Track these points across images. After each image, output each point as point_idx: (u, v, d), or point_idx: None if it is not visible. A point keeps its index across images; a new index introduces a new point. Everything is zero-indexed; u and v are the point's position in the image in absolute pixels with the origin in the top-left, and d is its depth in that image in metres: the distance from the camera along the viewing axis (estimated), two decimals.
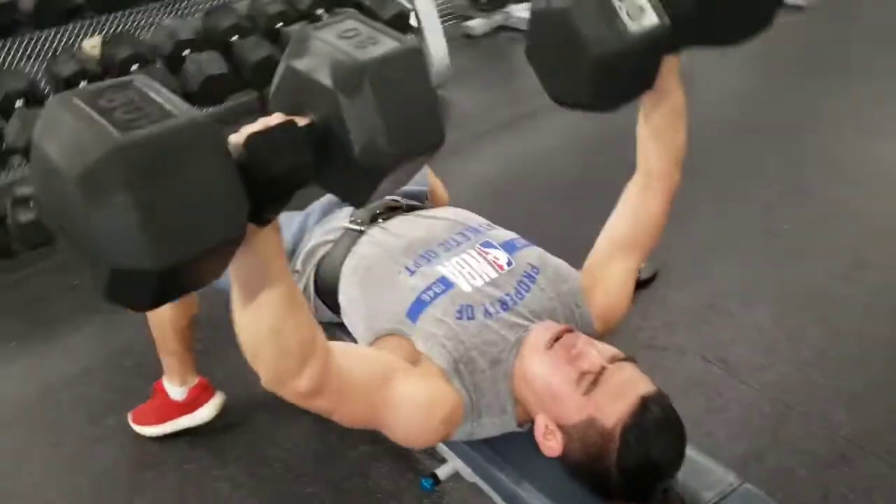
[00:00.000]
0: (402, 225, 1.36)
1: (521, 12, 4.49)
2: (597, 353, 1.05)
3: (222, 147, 0.75)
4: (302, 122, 0.84)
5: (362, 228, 1.38)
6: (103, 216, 0.66)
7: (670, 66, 1.15)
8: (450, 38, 4.34)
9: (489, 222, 1.36)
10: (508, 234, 1.32)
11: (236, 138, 0.80)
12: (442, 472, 1.45)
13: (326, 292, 1.38)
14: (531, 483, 1.12)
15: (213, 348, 2.11)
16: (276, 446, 1.83)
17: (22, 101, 2.71)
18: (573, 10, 1.01)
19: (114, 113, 0.69)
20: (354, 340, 1.31)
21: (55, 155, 0.68)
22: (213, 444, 1.85)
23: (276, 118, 0.84)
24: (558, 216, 2.58)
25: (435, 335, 1.12)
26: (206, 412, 1.85)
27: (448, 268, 1.21)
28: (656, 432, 0.98)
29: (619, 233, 1.29)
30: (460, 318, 1.13)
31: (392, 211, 1.42)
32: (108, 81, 0.75)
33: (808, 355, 1.93)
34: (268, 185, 0.80)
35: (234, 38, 3.17)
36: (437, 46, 3.67)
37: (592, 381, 1.02)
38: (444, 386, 1.08)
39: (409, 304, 1.16)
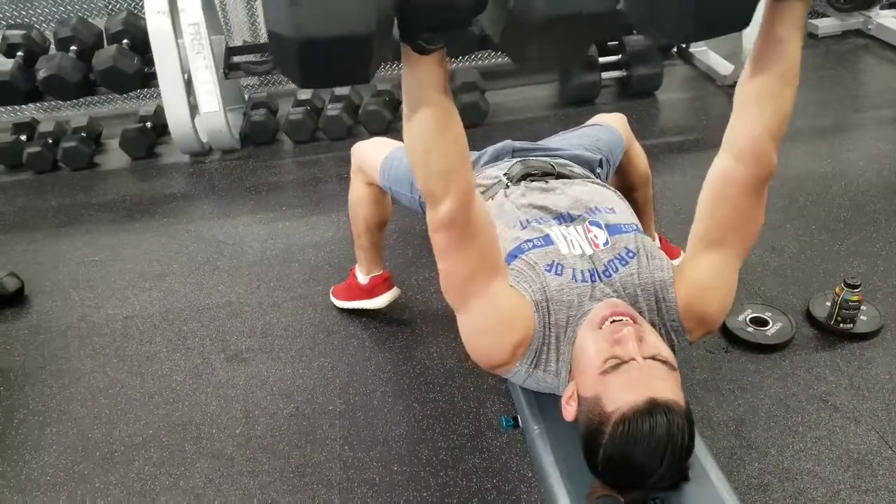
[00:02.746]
0: (537, 190, 1.44)
1: (885, 19, 3.92)
2: (635, 345, 1.05)
3: None
4: None
5: (509, 183, 1.48)
6: None
7: (790, 10, 1.01)
8: None
9: (613, 207, 1.37)
10: (622, 219, 1.32)
11: None
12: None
13: None
14: (550, 440, 1.17)
15: (415, 260, 2.41)
16: (424, 351, 2.06)
17: None
18: None
19: None
20: None
21: None
22: (377, 330, 2.15)
23: None
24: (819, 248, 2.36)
25: (523, 274, 1.21)
26: (381, 300, 2.14)
27: (555, 231, 1.28)
28: (647, 436, 0.96)
29: (700, 227, 1.22)
30: (549, 271, 1.20)
31: (544, 176, 1.50)
32: None
33: None
34: (422, 14, 0.92)
35: None
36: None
37: (615, 365, 1.03)
38: (529, 311, 1.17)
39: (510, 250, 1.27)
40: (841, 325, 1.96)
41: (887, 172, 2.78)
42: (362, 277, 2.12)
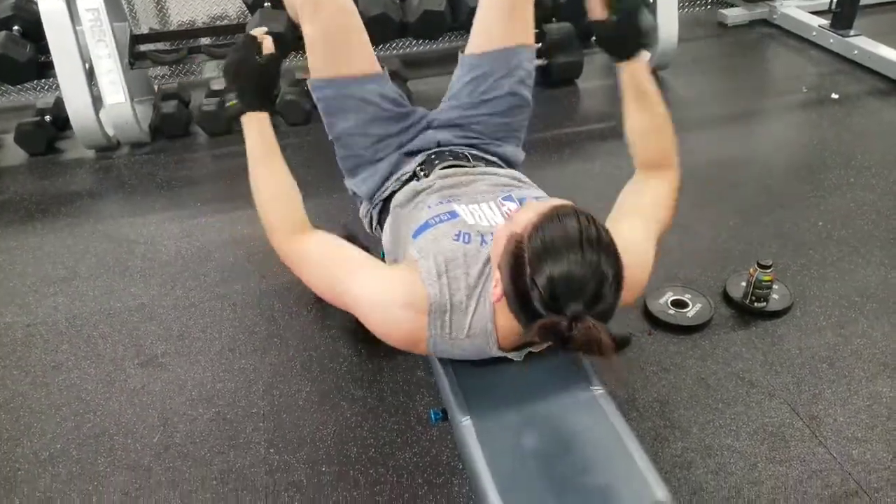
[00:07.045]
0: (453, 176, 1.45)
1: (789, 9, 4.09)
2: None
3: None
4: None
5: (424, 172, 1.49)
6: None
7: (638, 71, 1.32)
8: (700, 24, 4.13)
9: (528, 182, 1.42)
10: (536, 193, 1.37)
11: None
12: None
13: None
14: (477, 431, 1.16)
15: None
16: (350, 347, 2.01)
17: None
18: None
19: None
20: None
21: None
22: (301, 328, 2.09)
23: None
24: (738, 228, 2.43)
25: (426, 248, 1.21)
26: None
27: (462, 208, 1.29)
28: (563, 236, 0.98)
29: (625, 202, 1.33)
30: (457, 240, 1.21)
31: (457, 166, 1.51)
32: None
33: None
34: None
35: None
36: (668, 27, 3.50)
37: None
38: (414, 276, 1.16)
39: (417, 227, 1.28)
40: (755, 304, 2.03)
41: (793, 157, 2.90)
42: None
